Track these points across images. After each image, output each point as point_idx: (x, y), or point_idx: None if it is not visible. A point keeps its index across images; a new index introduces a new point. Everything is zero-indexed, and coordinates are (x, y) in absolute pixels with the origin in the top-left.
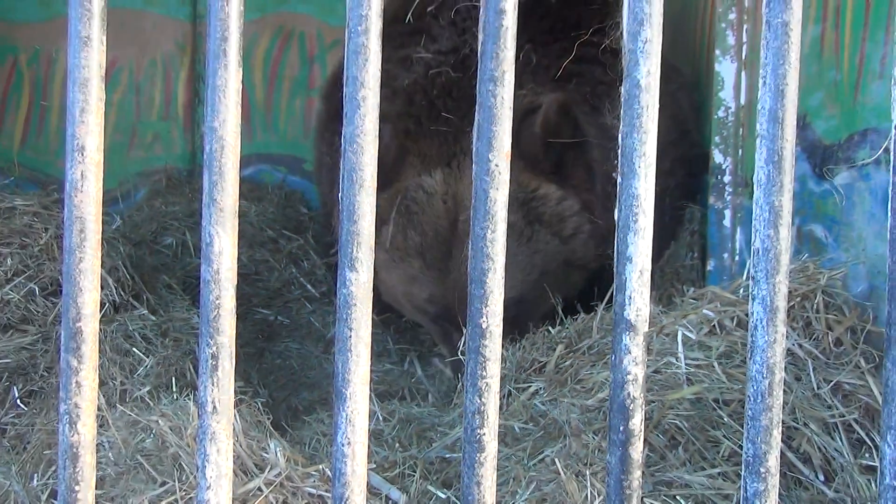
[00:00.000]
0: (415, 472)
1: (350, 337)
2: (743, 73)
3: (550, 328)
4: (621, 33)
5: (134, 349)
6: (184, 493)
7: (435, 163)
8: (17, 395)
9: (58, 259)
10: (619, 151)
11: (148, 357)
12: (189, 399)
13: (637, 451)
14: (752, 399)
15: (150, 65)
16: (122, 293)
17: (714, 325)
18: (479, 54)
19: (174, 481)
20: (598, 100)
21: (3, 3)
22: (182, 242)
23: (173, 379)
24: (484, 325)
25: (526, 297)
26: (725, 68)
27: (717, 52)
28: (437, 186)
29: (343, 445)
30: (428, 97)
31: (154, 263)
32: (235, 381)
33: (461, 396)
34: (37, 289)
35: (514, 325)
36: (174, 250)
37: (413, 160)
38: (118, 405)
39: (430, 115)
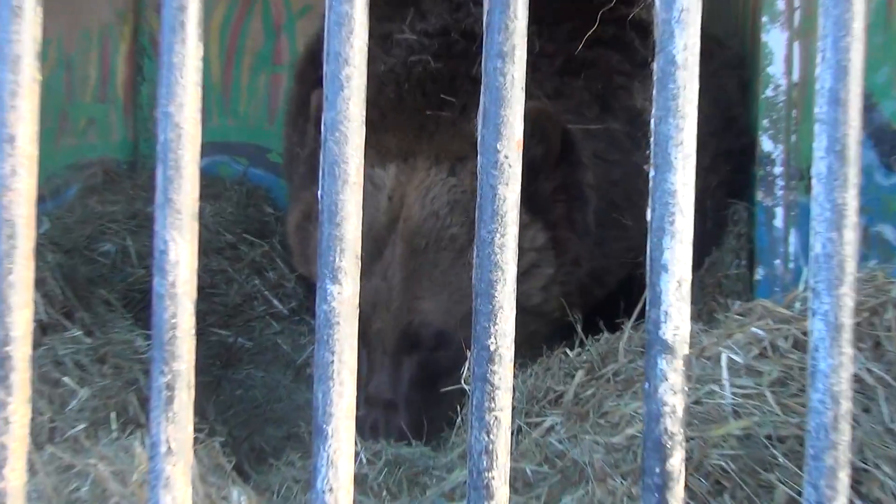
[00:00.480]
0: None
1: (332, 362)
2: (795, 45)
3: (568, 351)
4: (653, 1)
5: (65, 378)
6: None
7: (391, 157)
8: None
9: None
10: (652, 140)
11: (82, 388)
12: (134, 438)
13: (676, 497)
14: (813, 435)
15: (83, 36)
16: (51, 311)
17: (765, 347)
18: (484, 26)
19: None
20: (613, 97)
21: None
22: (123, 249)
23: (114, 414)
24: (492, 348)
25: (448, 334)
26: (774, 38)
27: (765, 19)
28: (387, 181)
29: (324, 492)
30: (399, 90)
31: (89, 275)
32: None
33: (460, 434)
34: None
35: (425, 370)
36: (113, 259)
37: (370, 152)
38: (47, 446)
39: (396, 108)
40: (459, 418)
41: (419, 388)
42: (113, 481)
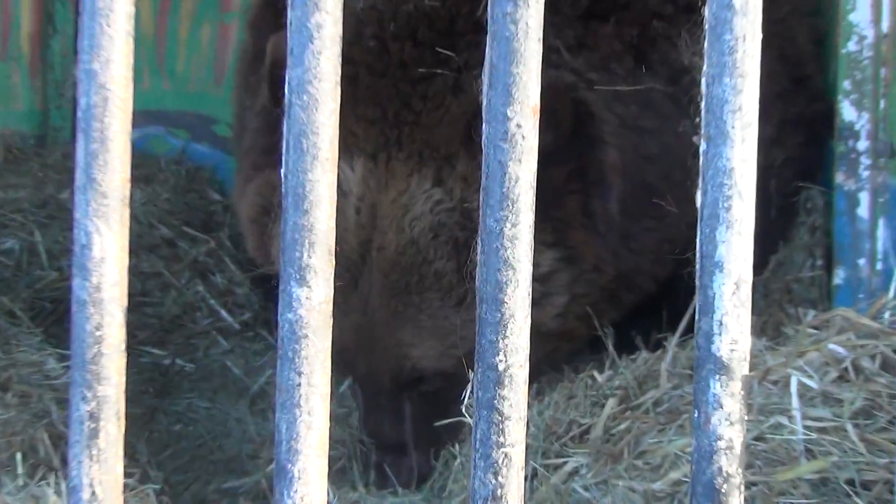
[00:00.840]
0: None
1: (299, 385)
2: None
3: (596, 374)
4: None
5: None
6: None
7: (360, 149)
8: None
9: None
10: (703, 105)
11: None
12: (45, 484)
13: None
14: None
15: None
16: None
17: (846, 368)
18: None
19: None
20: (651, 48)
21: None
22: (29, 247)
23: (20, 455)
24: (501, 367)
25: (451, 372)
26: None
27: None
28: (353, 186)
29: None
30: (382, 35)
31: None
32: None
33: (458, 481)
34: None
35: (435, 406)
36: (17, 258)
37: None
38: None
39: (375, 64)
40: (459, 459)
41: (427, 423)
42: None
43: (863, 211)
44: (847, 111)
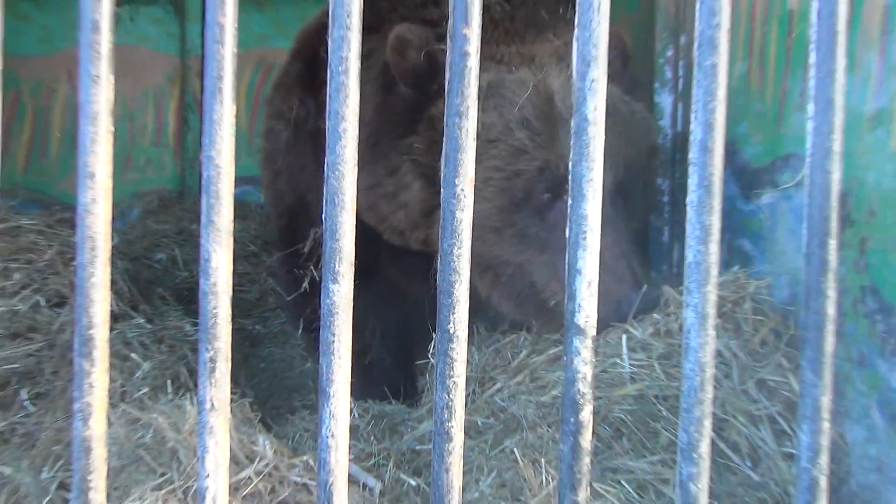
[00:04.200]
0: (388, 462)
1: (333, 342)
2: (679, 104)
3: (513, 338)
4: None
5: (133, 355)
6: (182, 483)
7: (515, 64)
8: (25, 397)
9: (61, 273)
10: (570, 178)
11: (145, 362)
12: (185, 399)
13: (586, 441)
14: (685, 394)
15: (143, 95)
16: (121, 304)
17: (659, 328)
18: (445, 91)
19: (173, 472)
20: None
21: (7, 39)
22: (172, 258)
23: (169, 381)
24: (451, 331)
25: (627, 187)
26: (664, 100)
27: (657, 84)
28: (528, 77)
29: (327, 437)
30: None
31: (148, 277)
32: None
33: (429, 395)
34: (42, 300)
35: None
36: (165, 265)
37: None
38: (119, 404)
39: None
40: (427, 384)
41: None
42: (169, 430)
43: (665, 237)
44: (658, 179)
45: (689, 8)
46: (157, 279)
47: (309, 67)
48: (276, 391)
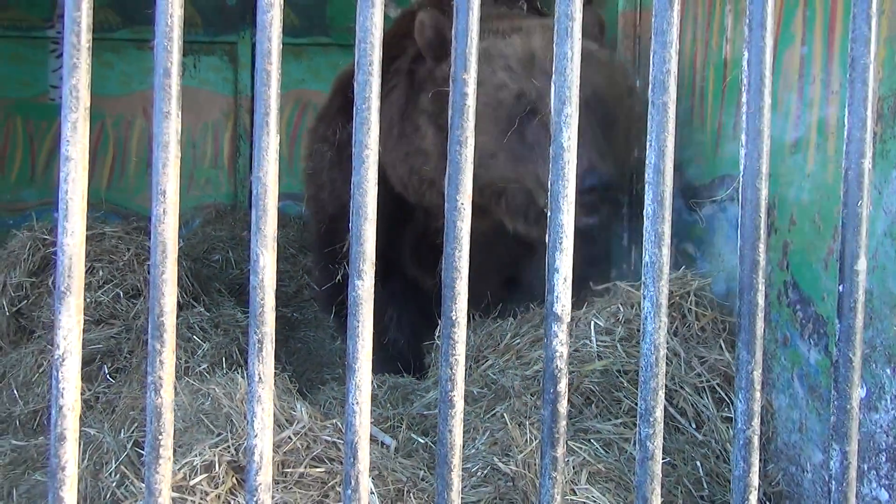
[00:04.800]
0: (402, 424)
1: (357, 327)
2: None
3: (502, 323)
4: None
5: (194, 337)
6: (234, 441)
7: (507, 33)
8: (107, 371)
9: (136, 271)
10: (549, 195)
11: (205, 343)
12: (237, 373)
13: (563, 407)
14: (643, 369)
15: (203, 127)
16: (185, 296)
17: (619, 317)
18: (448, 127)
19: (227, 433)
20: None
21: (94, 82)
22: (226, 259)
23: (223, 359)
24: (454, 318)
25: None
26: None
27: None
28: (516, 42)
29: (353, 404)
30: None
31: (207, 274)
32: None
33: (434, 370)
34: (121, 293)
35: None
36: (221, 264)
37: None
38: (184, 378)
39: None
40: (433, 360)
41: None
42: (224, 399)
43: (625, 242)
44: (620, 196)
45: (644, 56)
46: (214, 276)
47: (347, 101)
48: (310, 367)
